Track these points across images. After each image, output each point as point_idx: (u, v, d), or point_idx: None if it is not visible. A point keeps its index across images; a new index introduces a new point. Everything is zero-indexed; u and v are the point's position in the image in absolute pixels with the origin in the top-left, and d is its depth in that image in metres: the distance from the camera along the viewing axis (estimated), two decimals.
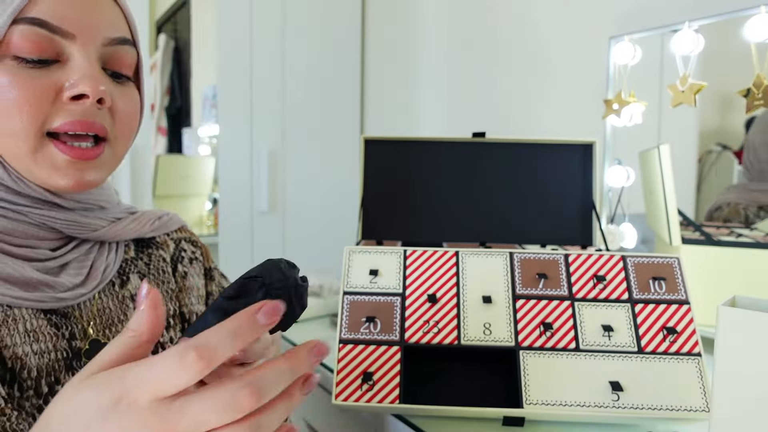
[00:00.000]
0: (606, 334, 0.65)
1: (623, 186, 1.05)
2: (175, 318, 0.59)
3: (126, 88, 0.51)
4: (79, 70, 0.46)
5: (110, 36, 0.49)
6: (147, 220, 0.60)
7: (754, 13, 0.78)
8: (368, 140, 0.91)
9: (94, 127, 0.47)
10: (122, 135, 0.51)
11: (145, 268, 0.59)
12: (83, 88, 0.46)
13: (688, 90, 0.85)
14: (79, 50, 0.47)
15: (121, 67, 0.51)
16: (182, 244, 0.64)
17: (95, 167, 0.49)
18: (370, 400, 0.62)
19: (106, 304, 0.54)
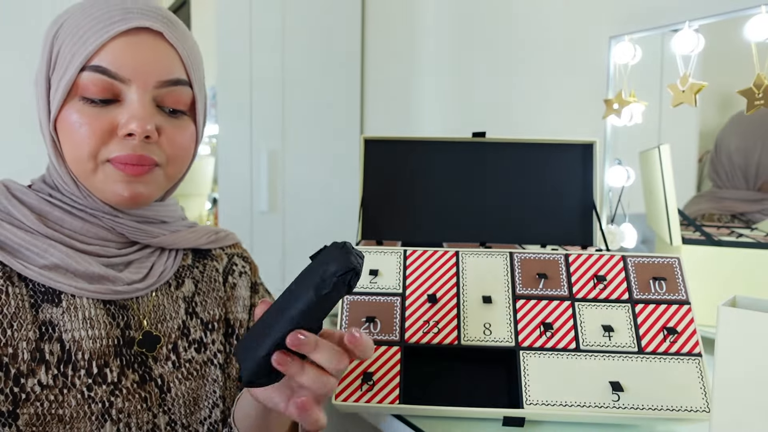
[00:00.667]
0: (606, 334, 0.65)
1: (623, 186, 1.05)
2: (220, 322, 0.67)
3: (180, 122, 0.60)
4: (130, 111, 0.55)
5: (162, 79, 0.57)
6: (203, 234, 0.69)
7: (755, 12, 0.78)
8: (368, 140, 0.91)
9: (142, 159, 0.56)
10: (173, 160, 0.60)
11: (199, 275, 0.68)
12: (131, 127, 0.55)
13: (689, 90, 0.85)
14: (134, 92, 0.55)
15: (176, 104, 0.59)
16: (234, 259, 0.73)
17: (144, 182, 0.57)
18: (370, 400, 0.62)
19: (161, 301, 0.63)
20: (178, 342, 0.63)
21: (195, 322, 0.65)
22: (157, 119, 0.57)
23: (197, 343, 0.64)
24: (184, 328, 0.64)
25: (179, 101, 0.59)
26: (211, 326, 0.66)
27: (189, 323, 0.64)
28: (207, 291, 0.68)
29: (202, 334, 0.65)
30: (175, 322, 0.63)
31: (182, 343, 0.63)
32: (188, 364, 0.63)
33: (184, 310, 0.65)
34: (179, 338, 0.63)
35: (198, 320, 0.65)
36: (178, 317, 0.64)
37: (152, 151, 0.57)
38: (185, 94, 0.59)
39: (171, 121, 0.59)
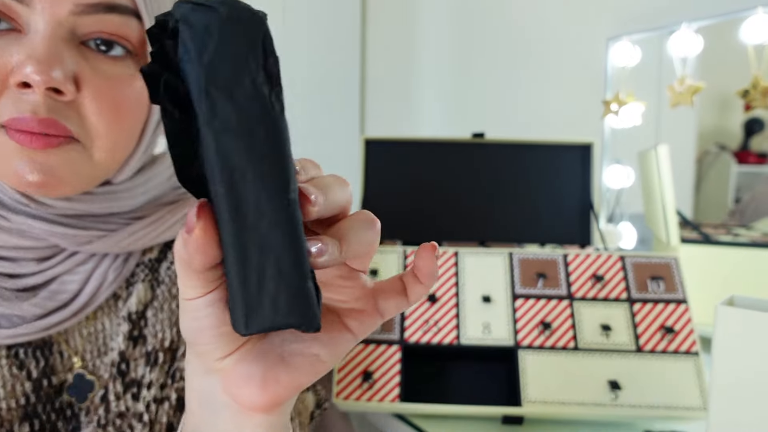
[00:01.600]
0: (604, 333, 0.66)
1: (622, 186, 1.05)
2: (168, 352, 0.45)
3: (117, 68, 0.38)
4: (29, 47, 0.34)
5: (84, 0, 0.35)
6: (181, 217, 0.46)
7: (752, 14, 0.78)
8: (368, 140, 0.91)
9: (46, 125, 0.35)
10: (104, 133, 0.38)
11: (164, 274, 0.47)
12: (26, 72, 0.34)
13: (686, 91, 0.85)
14: (38, 18, 0.35)
15: (110, 36, 0.37)
16: None
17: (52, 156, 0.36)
18: (370, 399, 0.63)
19: (101, 325, 0.44)
20: (109, 386, 0.42)
21: (138, 352, 0.44)
22: (75, 62, 0.36)
23: (136, 385, 0.43)
24: (122, 362, 0.43)
25: (117, 35, 0.37)
26: (154, 358, 0.44)
27: (130, 354, 0.43)
28: (166, 298, 0.46)
29: (145, 371, 0.43)
30: (110, 356, 0.43)
31: (114, 388, 0.42)
32: (119, 420, 0.42)
33: (127, 333, 0.43)
34: (111, 379, 0.43)
35: (143, 348, 0.44)
36: (116, 346, 0.43)
37: (63, 114, 0.36)
38: (127, 30, 0.37)
39: (101, 65, 0.37)
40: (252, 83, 0.21)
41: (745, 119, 1.08)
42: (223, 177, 0.21)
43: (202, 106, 0.21)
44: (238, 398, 0.27)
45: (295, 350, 0.27)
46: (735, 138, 1.09)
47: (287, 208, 0.22)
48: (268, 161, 0.21)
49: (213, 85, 0.21)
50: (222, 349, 0.26)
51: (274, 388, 0.26)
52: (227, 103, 0.21)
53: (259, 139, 0.21)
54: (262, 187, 0.21)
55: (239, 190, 0.21)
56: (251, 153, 0.21)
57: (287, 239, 0.22)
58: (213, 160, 0.21)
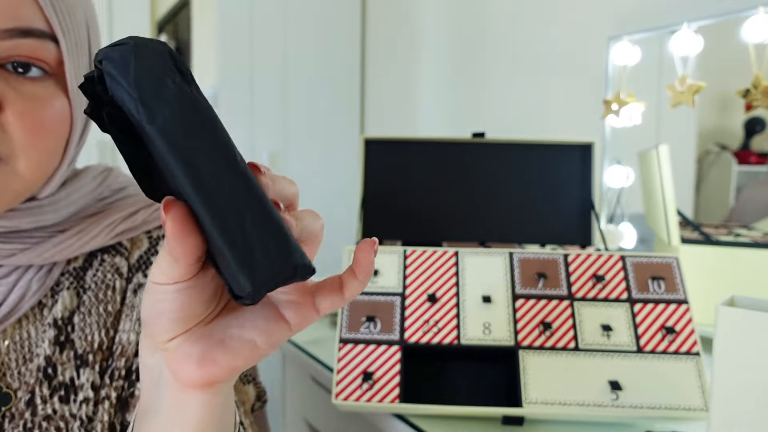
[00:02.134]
0: (605, 333, 0.65)
1: (622, 186, 1.05)
2: (99, 353, 0.45)
3: (38, 89, 0.40)
4: None
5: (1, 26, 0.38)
6: (103, 227, 0.47)
7: (752, 14, 0.78)
8: (368, 140, 0.91)
9: None
10: (28, 149, 0.40)
11: (90, 281, 0.47)
12: None
13: (687, 90, 0.85)
14: None
15: (26, 59, 0.40)
16: (161, 244, 0.44)
17: None
18: (370, 399, 0.63)
19: (26, 332, 0.44)
20: (35, 390, 0.43)
21: (66, 356, 0.45)
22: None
23: (64, 388, 0.44)
24: (47, 366, 0.44)
25: (35, 58, 0.40)
26: (84, 360, 0.45)
27: (57, 359, 0.44)
28: (92, 304, 0.47)
29: (74, 374, 0.44)
30: (35, 362, 0.44)
31: (41, 391, 0.43)
32: (45, 424, 0.42)
33: (52, 339, 0.44)
34: (38, 382, 0.43)
35: (71, 352, 0.45)
36: (42, 352, 0.44)
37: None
38: (44, 53, 0.40)
39: (21, 86, 0.39)
40: (173, 83, 0.25)
41: (746, 119, 1.08)
42: (177, 162, 0.24)
43: (141, 114, 0.24)
44: (177, 375, 0.29)
45: (234, 335, 0.29)
46: (736, 138, 1.09)
47: (241, 172, 0.25)
48: (208, 137, 0.25)
49: (143, 95, 0.24)
50: (172, 332, 0.29)
51: (210, 368, 0.29)
52: (159, 103, 0.24)
53: (194, 122, 0.25)
54: (211, 159, 0.24)
55: (194, 168, 0.24)
56: (192, 135, 0.24)
57: (251, 196, 0.25)
58: (164, 151, 0.24)
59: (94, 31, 0.46)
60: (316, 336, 0.97)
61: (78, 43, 0.43)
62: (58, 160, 0.44)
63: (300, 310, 0.30)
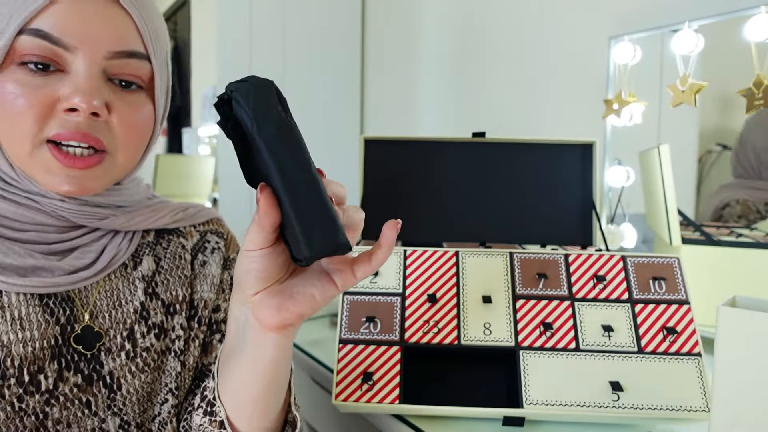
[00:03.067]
0: (606, 334, 0.65)
1: (623, 186, 1.05)
2: (184, 304, 0.59)
3: (134, 98, 0.52)
4: (74, 84, 0.48)
5: (114, 49, 0.49)
6: (168, 212, 0.61)
7: (755, 13, 0.78)
8: (368, 140, 0.91)
9: (87, 138, 0.48)
10: (125, 144, 0.52)
11: (162, 252, 0.61)
12: (75, 101, 0.47)
13: (689, 90, 0.85)
14: (80, 62, 0.48)
15: (130, 77, 0.51)
16: (208, 236, 0.65)
17: (91, 177, 0.50)
18: (370, 400, 0.62)
19: (115, 285, 0.56)
20: (134, 327, 0.55)
21: (155, 304, 0.57)
22: (107, 94, 0.50)
23: (157, 327, 0.57)
24: (142, 310, 0.56)
25: (134, 76, 0.51)
26: (173, 309, 0.58)
27: (149, 305, 0.57)
28: (170, 269, 0.60)
29: (163, 318, 0.57)
30: (132, 305, 0.56)
31: (140, 329, 0.56)
32: (145, 354, 0.55)
33: (143, 290, 0.57)
34: (136, 322, 0.56)
35: (159, 302, 0.58)
36: (135, 299, 0.56)
37: (100, 131, 0.49)
38: (141, 69, 0.52)
39: (123, 96, 0.51)
40: (276, 111, 0.39)
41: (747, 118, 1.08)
42: (272, 162, 0.38)
43: (254, 130, 0.38)
44: (260, 320, 0.43)
45: (300, 291, 0.43)
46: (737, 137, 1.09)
47: (312, 174, 0.39)
48: (295, 149, 0.39)
49: (257, 117, 0.38)
50: (257, 287, 0.43)
51: (284, 314, 0.43)
52: (266, 124, 0.38)
53: (287, 138, 0.39)
54: (295, 163, 0.38)
55: (283, 167, 0.38)
56: (285, 146, 0.38)
57: (316, 191, 0.38)
58: (267, 155, 0.38)
59: (169, 54, 0.58)
60: (316, 336, 0.97)
61: (162, 62, 0.54)
62: (140, 157, 0.57)
63: (343, 275, 0.43)
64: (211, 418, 0.50)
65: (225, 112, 0.40)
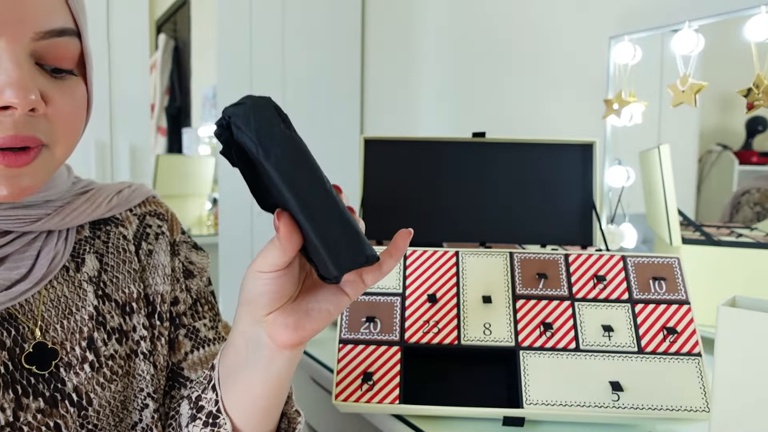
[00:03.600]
0: (606, 334, 0.65)
1: (623, 186, 1.05)
2: (140, 301, 0.54)
3: (67, 83, 0.45)
4: (5, 75, 0.41)
5: (42, 29, 0.42)
6: (103, 199, 0.55)
7: (755, 12, 0.78)
8: (368, 140, 0.91)
9: (23, 140, 0.42)
10: (64, 136, 0.46)
11: (102, 247, 0.54)
12: (9, 98, 0.40)
13: (689, 90, 0.85)
14: (5, 49, 0.41)
15: (62, 62, 0.44)
16: (147, 220, 0.58)
17: (29, 174, 0.43)
18: (370, 400, 0.62)
19: (61, 292, 0.50)
20: (93, 335, 0.50)
21: (109, 306, 0.52)
22: (40, 83, 0.43)
23: (117, 331, 0.52)
24: (98, 315, 0.51)
25: (65, 57, 0.44)
26: (129, 308, 0.53)
27: (103, 308, 0.51)
28: (116, 264, 0.54)
29: (121, 320, 0.52)
30: (85, 311, 0.50)
31: (100, 335, 0.50)
32: (111, 362, 0.50)
33: (93, 293, 0.51)
34: (94, 329, 0.50)
35: (112, 303, 0.52)
36: (87, 304, 0.51)
37: (37, 127, 0.43)
38: (72, 48, 0.45)
39: (56, 83, 0.44)
40: (279, 129, 0.36)
41: (748, 119, 1.08)
42: (284, 185, 0.35)
43: (259, 153, 0.35)
44: (276, 340, 0.42)
45: (314, 307, 0.42)
46: (737, 137, 1.09)
47: (328, 191, 0.36)
48: (305, 167, 0.36)
49: (261, 140, 0.35)
50: (271, 307, 0.41)
51: (301, 332, 0.41)
52: (271, 145, 0.35)
53: (296, 158, 0.36)
54: (308, 182, 0.36)
55: (297, 189, 0.35)
56: (294, 164, 0.36)
57: (335, 207, 0.36)
58: (277, 178, 0.35)
59: None
60: (316, 336, 0.97)
61: (87, 34, 0.48)
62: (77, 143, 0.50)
63: (353, 284, 0.42)
64: (213, 429, 0.48)
65: (226, 139, 0.37)
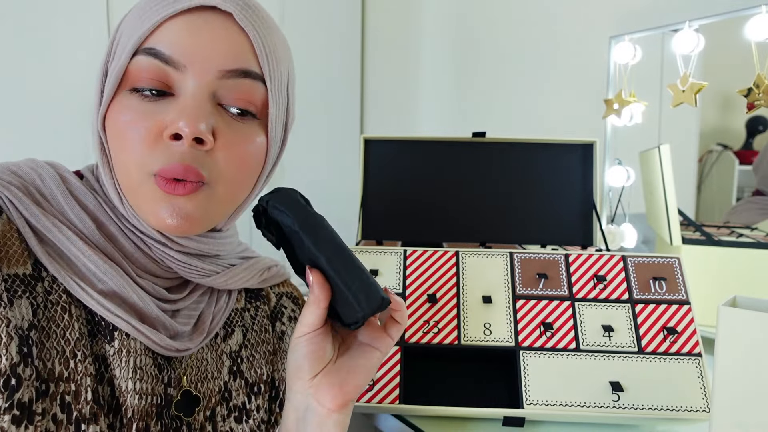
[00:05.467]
0: (606, 334, 0.65)
1: (624, 186, 1.05)
2: (267, 384, 0.56)
3: (244, 126, 0.47)
4: (181, 106, 0.44)
5: (225, 68, 0.45)
6: (257, 271, 0.58)
7: (755, 12, 0.78)
8: (368, 140, 0.91)
9: (188, 173, 0.44)
10: (228, 176, 0.46)
11: (250, 322, 0.58)
12: (179, 125, 0.43)
13: (689, 89, 0.84)
14: (189, 83, 0.44)
15: (242, 102, 0.46)
16: (283, 300, 0.62)
17: (192, 203, 0.45)
18: (370, 400, 0.62)
19: (204, 355, 0.52)
20: (216, 409, 0.51)
21: (238, 384, 0.54)
22: (215, 119, 0.45)
23: (238, 410, 0.53)
24: (224, 391, 0.53)
25: (247, 99, 0.46)
26: (256, 389, 0.55)
27: (231, 385, 0.53)
28: (256, 343, 0.57)
29: (245, 399, 0.54)
30: (216, 383, 0.52)
31: (221, 411, 0.52)
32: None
33: (228, 368, 0.53)
34: (218, 404, 0.52)
35: (242, 381, 0.54)
36: (220, 377, 0.52)
37: (202, 162, 0.45)
38: (255, 91, 0.47)
39: (233, 123, 0.46)
40: (306, 209, 0.48)
41: (748, 118, 1.08)
42: (314, 248, 0.46)
43: (294, 225, 0.46)
44: (324, 403, 0.45)
45: (353, 365, 0.47)
46: (738, 137, 1.09)
47: (347, 252, 0.46)
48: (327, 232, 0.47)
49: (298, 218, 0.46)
50: (315, 369, 0.45)
51: (346, 389, 0.45)
52: (301, 218, 0.47)
53: (322, 229, 0.47)
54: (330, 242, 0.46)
55: (327, 252, 0.45)
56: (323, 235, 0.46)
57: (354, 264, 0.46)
58: (307, 241, 0.46)
59: (292, 83, 0.53)
60: None
61: (279, 87, 0.49)
62: (246, 194, 0.51)
63: (382, 341, 0.48)
64: None
65: (262, 220, 0.49)
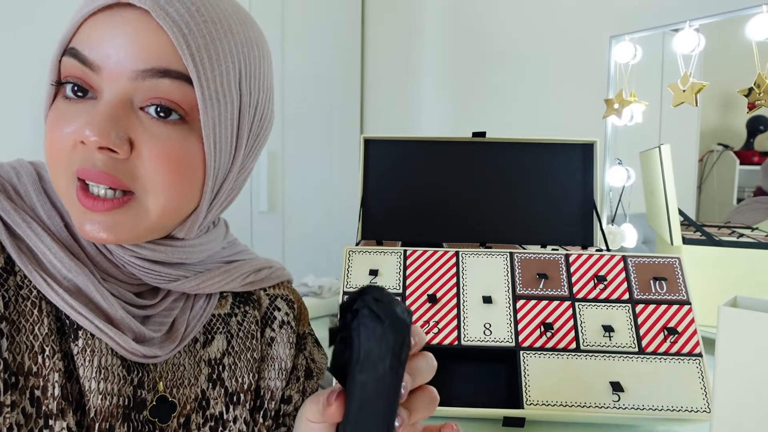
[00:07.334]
0: (606, 334, 0.65)
1: (624, 186, 1.05)
2: (248, 393, 0.53)
3: (170, 130, 0.42)
4: (93, 111, 0.40)
5: (138, 68, 0.40)
6: (240, 274, 0.54)
7: (756, 12, 0.77)
8: (368, 140, 0.91)
9: (111, 180, 0.41)
10: (156, 186, 0.42)
11: (235, 328, 0.54)
12: (85, 134, 0.40)
13: (690, 89, 0.84)
14: (105, 86, 0.41)
15: (165, 102, 0.41)
16: (277, 302, 0.58)
17: (115, 222, 0.42)
18: None
19: (182, 360, 0.50)
20: (191, 416, 0.49)
21: (217, 392, 0.51)
22: (131, 126, 0.41)
23: (215, 419, 0.51)
24: (202, 399, 0.50)
25: (168, 100, 0.41)
26: (236, 398, 0.52)
27: (210, 393, 0.51)
28: (241, 351, 0.53)
29: (223, 408, 0.51)
30: (193, 389, 0.50)
31: (197, 419, 0.50)
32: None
33: (207, 376, 0.51)
34: (194, 411, 0.50)
35: (222, 390, 0.52)
36: (197, 384, 0.50)
37: (119, 169, 0.41)
38: (179, 92, 0.41)
39: (157, 127, 0.42)
40: (383, 365, 0.33)
41: (749, 118, 1.08)
42: (357, 392, 0.34)
43: (357, 361, 0.34)
44: None
45: None
46: (738, 137, 1.08)
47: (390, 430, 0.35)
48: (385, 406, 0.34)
49: (363, 355, 0.33)
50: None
51: None
52: (366, 368, 0.33)
53: (376, 392, 0.34)
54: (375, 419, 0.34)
55: (364, 417, 0.34)
56: (379, 399, 0.34)
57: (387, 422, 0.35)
58: (356, 389, 0.34)
59: (253, 78, 0.46)
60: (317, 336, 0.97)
61: (220, 89, 0.43)
62: (194, 205, 0.46)
63: None
64: None
65: (345, 320, 0.35)
